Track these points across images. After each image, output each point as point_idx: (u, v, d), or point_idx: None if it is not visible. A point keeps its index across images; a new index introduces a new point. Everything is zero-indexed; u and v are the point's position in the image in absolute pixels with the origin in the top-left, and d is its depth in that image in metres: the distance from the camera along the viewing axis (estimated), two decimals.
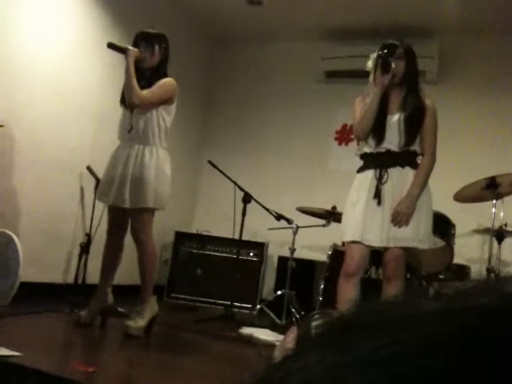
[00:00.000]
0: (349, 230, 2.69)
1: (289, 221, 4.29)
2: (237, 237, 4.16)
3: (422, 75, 4.91)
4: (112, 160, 3.13)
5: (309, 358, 0.25)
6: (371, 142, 2.72)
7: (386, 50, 2.68)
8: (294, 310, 4.13)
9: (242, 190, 4.16)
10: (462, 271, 3.99)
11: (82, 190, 4.18)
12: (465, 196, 3.80)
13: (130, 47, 3.03)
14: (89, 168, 4.00)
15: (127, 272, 3.64)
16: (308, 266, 4.71)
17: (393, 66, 2.64)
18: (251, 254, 4.83)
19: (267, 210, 4.26)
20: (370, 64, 2.75)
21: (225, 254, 4.86)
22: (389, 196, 2.63)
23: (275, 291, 4.57)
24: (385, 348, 0.22)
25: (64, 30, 3.99)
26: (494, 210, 3.67)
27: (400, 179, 2.66)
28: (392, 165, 2.66)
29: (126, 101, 3.05)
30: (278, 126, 5.50)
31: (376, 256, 3.92)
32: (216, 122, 5.86)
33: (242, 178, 4.33)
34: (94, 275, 3.75)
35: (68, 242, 4.09)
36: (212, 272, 4.80)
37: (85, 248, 4.00)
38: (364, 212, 2.63)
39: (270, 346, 2.99)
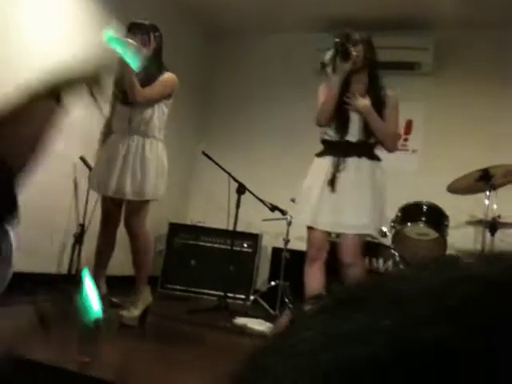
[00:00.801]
0: (303, 215, 2.78)
1: (283, 212, 4.29)
2: (231, 228, 4.17)
3: (418, 67, 4.93)
4: (109, 151, 3.12)
5: (306, 331, 0.25)
6: (333, 134, 2.79)
7: (342, 39, 2.73)
8: (287, 301, 4.15)
9: (236, 180, 4.17)
10: None
11: (75, 180, 4.17)
12: (458, 188, 3.82)
13: (130, 40, 3.00)
14: (82, 158, 3.99)
15: (121, 263, 3.64)
16: (302, 257, 4.70)
17: (353, 52, 2.68)
18: (245, 245, 4.84)
19: (261, 201, 4.27)
20: (327, 58, 2.78)
21: (219, 245, 4.86)
22: (344, 184, 2.69)
23: (269, 282, 4.59)
24: (387, 317, 0.22)
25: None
26: (487, 201, 3.69)
27: (356, 169, 2.72)
28: (349, 154, 2.73)
29: (129, 97, 3.02)
30: (274, 118, 5.49)
31: (365, 246, 3.94)
32: (211, 114, 5.84)
33: (238, 170, 4.33)
34: (87, 266, 3.75)
35: (61, 232, 4.08)
36: (206, 263, 4.81)
37: (78, 238, 4.00)
38: (318, 198, 2.71)
39: (264, 336, 3.00)
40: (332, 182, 2.70)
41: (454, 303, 0.22)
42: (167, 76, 3.14)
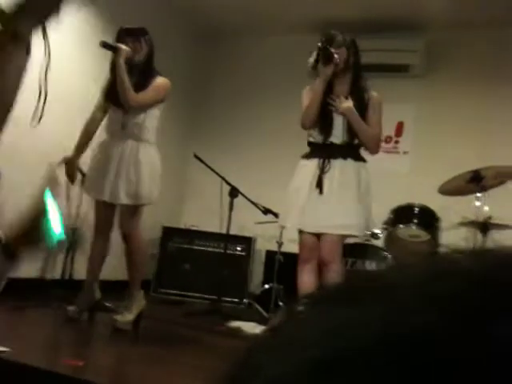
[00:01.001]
0: (290, 217, 2.81)
1: (276, 215, 4.29)
2: (224, 231, 4.17)
3: (408, 69, 4.97)
4: (103, 155, 3.11)
5: (296, 327, 0.25)
6: (318, 136, 2.82)
7: (325, 41, 2.75)
8: (281, 304, 4.15)
9: (228, 184, 4.17)
10: None
11: (68, 185, 4.15)
12: (449, 189, 3.84)
13: (123, 46, 3.00)
14: None
15: (114, 267, 3.63)
16: (296, 259, 4.71)
17: (335, 56, 2.70)
18: (239, 249, 4.84)
19: (254, 204, 4.27)
20: (310, 61, 2.80)
21: (212, 249, 4.86)
22: (330, 186, 2.72)
23: (263, 285, 4.59)
24: (375, 310, 0.23)
25: (58, 30, 3.96)
26: (478, 203, 3.71)
27: (342, 170, 2.75)
28: (335, 156, 2.76)
29: (122, 102, 3.02)
30: (267, 120, 5.49)
31: (357, 248, 3.96)
32: (204, 117, 5.83)
33: (231, 173, 4.33)
34: (80, 270, 3.74)
35: None
36: (200, 267, 4.80)
37: (71, 243, 3.99)
38: (306, 200, 2.74)
39: (255, 337, 3.00)
40: (319, 184, 2.72)
41: (442, 294, 0.22)
42: (160, 81, 3.14)
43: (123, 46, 3.00)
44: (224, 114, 5.75)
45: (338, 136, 2.78)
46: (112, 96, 3.11)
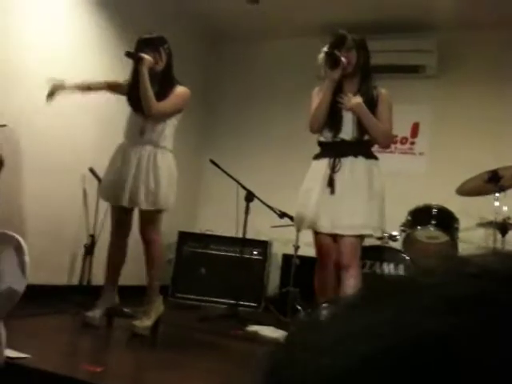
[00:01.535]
0: (305, 219, 2.78)
1: (292, 218, 4.29)
2: (240, 236, 4.17)
3: (422, 70, 4.93)
4: (120, 160, 3.14)
5: (311, 334, 0.26)
6: (327, 133, 2.81)
7: (333, 45, 2.74)
8: (299, 307, 4.13)
9: (244, 188, 4.17)
10: None
11: (84, 191, 4.19)
12: (467, 190, 3.80)
13: (146, 56, 3.03)
14: (91, 170, 4.01)
15: (132, 273, 3.65)
16: (312, 263, 4.69)
17: (342, 59, 2.69)
18: (255, 253, 4.83)
19: (270, 207, 4.27)
20: (320, 58, 2.78)
21: (228, 253, 4.86)
22: (341, 184, 2.70)
23: (280, 289, 4.58)
24: (393, 312, 0.23)
25: (69, 33, 4.02)
26: (496, 203, 3.67)
27: (353, 168, 2.72)
28: (345, 154, 2.74)
29: (144, 111, 3.05)
30: (279, 124, 5.50)
31: (375, 250, 3.93)
32: (217, 121, 5.85)
33: (244, 177, 4.33)
34: (98, 276, 3.76)
35: (72, 243, 4.10)
36: (216, 271, 4.81)
37: (89, 249, 4.02)
38: (318, 200, 2.71)
39: (277, 342, 2.99)
40: (331, 184, 2.70)
41: (464, 296, 0.22)
42: (180, 90, 3.17)
43: (146, 56, 3.03)
44: (234, 118, 5.76)
45: (347, 132, 2.76)
46: (132, 101, 3.15)
